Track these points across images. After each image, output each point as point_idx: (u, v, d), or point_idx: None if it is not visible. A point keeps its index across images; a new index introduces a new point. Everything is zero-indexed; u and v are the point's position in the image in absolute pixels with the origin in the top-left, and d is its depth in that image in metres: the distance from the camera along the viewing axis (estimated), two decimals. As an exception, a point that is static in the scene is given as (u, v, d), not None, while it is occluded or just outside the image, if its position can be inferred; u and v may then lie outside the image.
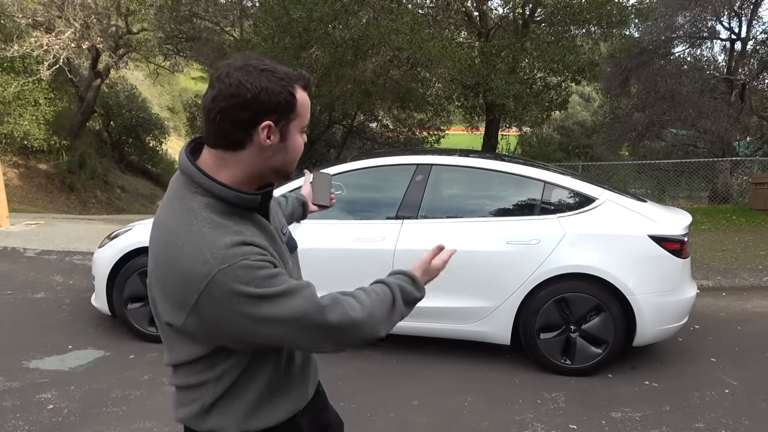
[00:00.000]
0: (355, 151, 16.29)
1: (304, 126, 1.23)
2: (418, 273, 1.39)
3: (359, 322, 1.19)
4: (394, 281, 1.33)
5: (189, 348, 1.19)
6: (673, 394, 3.62)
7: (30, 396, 3.43)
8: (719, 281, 6.28)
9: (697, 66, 15.90)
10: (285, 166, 1.22)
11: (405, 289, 1.33)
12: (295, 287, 1.12)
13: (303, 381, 1.37)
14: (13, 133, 12.80)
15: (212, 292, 1.06)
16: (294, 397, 1.33)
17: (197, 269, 1.06)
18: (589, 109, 35.49)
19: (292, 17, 10.88)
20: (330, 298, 1.18)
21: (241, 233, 1.11)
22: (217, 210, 1.13)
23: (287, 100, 1.14)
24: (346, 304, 1.19)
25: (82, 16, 12.75)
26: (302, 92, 1.19)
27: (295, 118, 1.18)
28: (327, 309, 1.15)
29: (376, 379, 3.80)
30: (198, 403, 1.26)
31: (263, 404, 1.27)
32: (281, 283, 1.10)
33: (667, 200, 13.37)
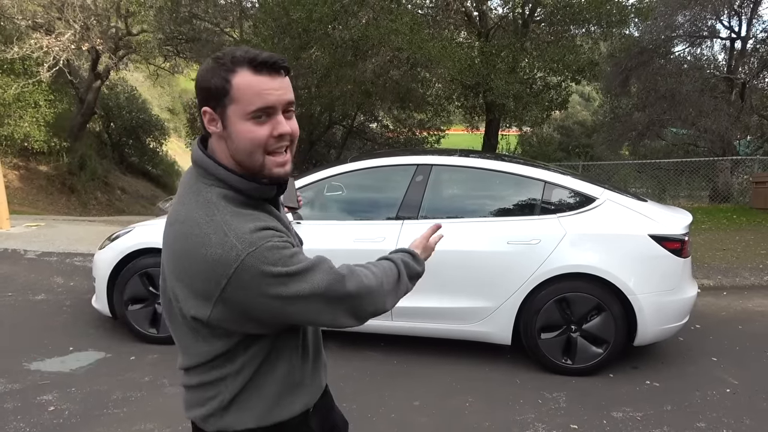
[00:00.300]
0: (356, 152, 16.29)
1: (250, 111, 1.10)
2: (418, 250, 1.49)
3: (373, 289, 1.24)
4: (398, 257, 1.41)
5: (211, 345, 1.18)
6: (675, 394, 3.62)
7: (31, 398, 3.43)
8: (720, 280, 6.27)
9: (697, 65, 15.89)
10: (237, 155, 1.15)
11: (408, 264, 1.40)
12: (316, 262, 1.15)
13: (317, 371, 1.38)
14: (13, 135, 12.81)
15: (242, 276, 1.06)
16: (310, 387, 1.34)
17: (225, 255, 1.06)
18: (589, 109, 35.49)
19: (291, 18, 10.88)
20: (347, 268, 1.22)
21: (260, 219, 1.14)
22: (234, 200, 1.15)
23: (218, 85, 1.11)
24: (360, 273, 1.23)
25: (81, 17, 12.76)
26: (248, 76, 1.10)
27: (230, 104, 1.11)
28: (346, 278, 1.18)
29: (377, 380, 3.80)
30: (216, 400, 1.24)
31: (284, 396, 1.27)
32: (303, 260, 1.13)
33: (668, 199, 13.36)
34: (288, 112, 1.16)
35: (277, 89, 1.11)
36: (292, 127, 1.16)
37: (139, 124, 19.93)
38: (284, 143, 1.16)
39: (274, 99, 1.11)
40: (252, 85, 1.10)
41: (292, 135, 1.17)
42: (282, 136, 1.14)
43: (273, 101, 1.11)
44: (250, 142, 1.12)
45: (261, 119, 1.11)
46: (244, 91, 1.10)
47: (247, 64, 1.10)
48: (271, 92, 1.10)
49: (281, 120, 1.13)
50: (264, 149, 1.13)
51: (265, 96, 1.10)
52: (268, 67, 1.11)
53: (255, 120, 1.11)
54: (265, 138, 1.12)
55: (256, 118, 1.11)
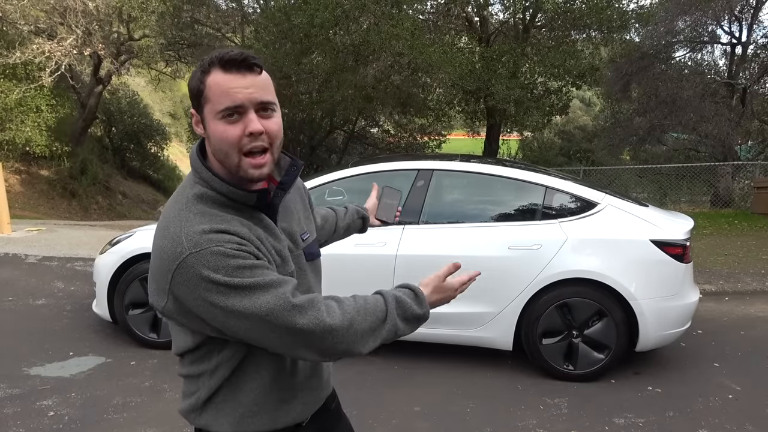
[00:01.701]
0: (357, 157, 16.29)
1: (219, 111, 1.09)
2: (427, 289, 1.26)
3: (335, 329, 1.09)
4: (392, 293, 1.21)
5: (183, 336, 1.20)
6: (677, 400, 3.60)
7: (31, 403, 3.42)
8: (722, 286, 6.25)
9: (698, 70, 15.90)
10: (217, 155, 1.13)
11: (403, 303, 1.19)
12: (269, 283, 1.07)
13: (313, 386, 1.32)
14: (15, 140, 12.84)
15: (182, 274, 1.05)
16: (301, 401, 1.28)
17: (172, 250, 1.06)
18: (590, 114, 35.47)
19: (293, 23, 10.91)
20: (307, 300, 1.10)
21: (224, 222, 1.10)
22: (211, 200, 1.14)
23: (196, 86, 1.11)
24: (323, 308, 1.10)
25: (84, 22, 12.80)
26: (218, 75, 1.08)
27: (205, 104, 1.11)
28: (297, 309, 1.07)
29: (378, 385, 3.79)
30: (195, 396, 1.25)
31: (264, 406, 1.23)
32: (255, 276, 1.06)
33: (669, 204, 13.34)
34: (265, 111, 1.12)
35: (246, 87, 1.08)
36: (268, 126, 1.11)
37: (141, 129, 19.97)
38: (259, 143, 1.11)
39: (243, 97, 1.08)
40: (220, 84, 1.08)
41: (269, 135, 1.11)
42: (254, 135, 1.09)
43: (241, 99, 1.08)
44: (223, 141, 1.10)
45: (232, 118, 1.09)
46: (214, 90, 1.09)
47: (218, 64, 1.09)
48: (240, 90, 1.08)
49: (252, 118, 1.09)
50: (238, 149, 1.10)
51: (232, 94, 1.08)
52: (237, 65, 1.08)
53: (226, 119, 1.09)
54: (237, 137, 1.09)
55: (228, 117, 1.09)
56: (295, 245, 1.28)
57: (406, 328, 1.20)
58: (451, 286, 1.29)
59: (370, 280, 3.84)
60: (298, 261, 1.27)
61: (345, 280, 3.49)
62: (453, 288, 1.29)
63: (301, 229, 1.32)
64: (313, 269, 1.35)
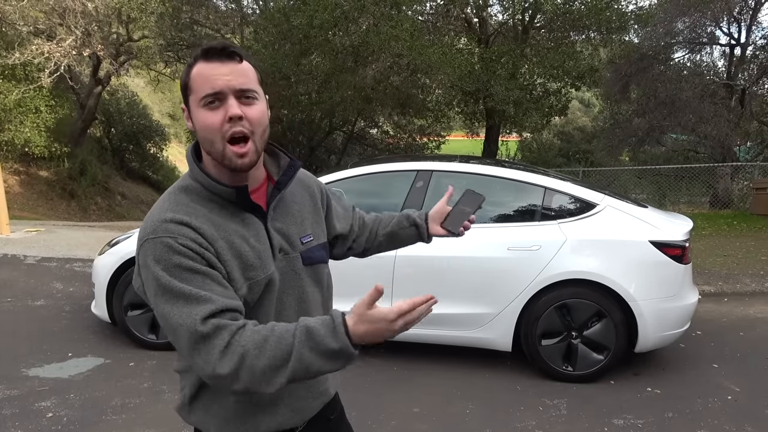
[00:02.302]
0: (356, 158, 16.29)
1: (201, 98, 1.10)
2: (351, 319, 1.03)
3: (222, 376, 1.02)
4: (307, 323, 1.05)
5: None
6: (676, 401, 3.60)
7: (29, 404, 3.41)
8: (721, 287, 6.26)
9: (697, 71, 15.91)
10: (204, 146, 1.15)
11: (315, 336, 1.02)
12: (193, 296, 1.04)
13: (300, 395, 1.28)
14: (14, 141, 12.83)
15: (139, 256, 1.11)
16: (288, 408, 1.26)
17: (141, 232, 1.12)
18: (589, 115, 35.51)
19: (292, 24, 10.92)
20: (212, 331, 1.02)
21: (190, 214, 1.12)
22: (195, 193, 1.17)
23: (183, 80, 1.15)
24: (217, 351, 1.02)
25: (83, 23, 12.79)
26: (201, 65, 1.11)
27: (191, 94, 1.13)
28: (197, 339, 1.02)
29: (377, 386, 3.78)
30: (183, 393, 1.28)
31: (242, 412, 1.23)
32: (184, 282, 1.05)
33: (668, 205, 13.35)
34: (247, 98, 1.12)
35: (226, 74, 1.10)
36: (248, 113, 1.11)
37: (140, 130, 19.97)
38: (239, 128, 1.10)
39: (222, 84, 1.09)
40: (202, 73, 1.11)
41: (249, 121, 1.11)
42: (233, 120, 1.10)
43: (220, 86, 1.09)
44: (206, 128, 1.11)
45: (213, 105, 1.10)
46: (196, 79, 1.11)
47: (201, 55, 1.12)
48: (219, 77, 1.09)
49: (232, 103, 1.10)
50: (221, 136, 1.11)
51: (212, 81, 1.09)
52: (218, 53, 1.11)
53: (208, 106, 1.11)
54: (219, 123, 1.10)
55: (209, 105, 1.11)
56: (292, 247, 1.25)
57: (326, 364, 1.03)
58: (382, 316, 1.02)
59: (370, 281, 3.84)
60: (292, 264, 1.25)
61: (344, 281, 3.48)
62: (386, 318, 1.02)
63: (301, 231, 1.29)
64: (312, 274, 1.30)
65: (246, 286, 1.15)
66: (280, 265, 1.22)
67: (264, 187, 1.25)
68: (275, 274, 1.20)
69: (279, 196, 1.24)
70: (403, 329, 1.04)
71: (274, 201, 1.23)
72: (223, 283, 1.10)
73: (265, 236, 1.20)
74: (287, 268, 1.23)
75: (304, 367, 1.03)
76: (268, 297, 1.20)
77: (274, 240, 1.21)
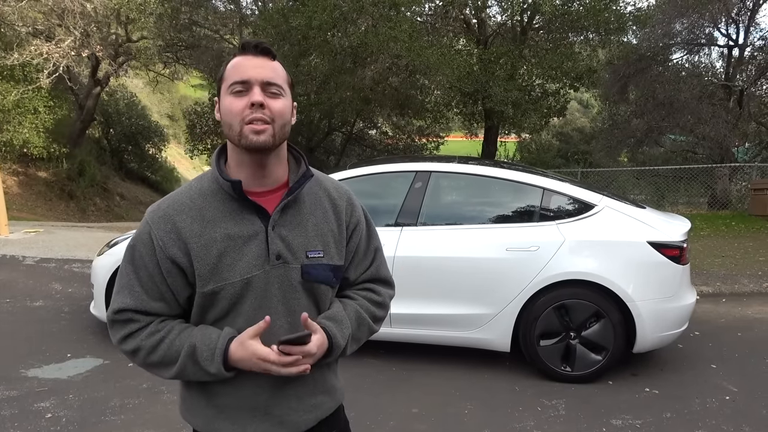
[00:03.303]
0: (355, 158, 16.30)
1: (230, 85, 1.18)
2: (235, 343, 1.18)
3: (126, 352, 1.25)
4: (198, 338, 1.20)
5: None
6: (674, 401, 3.61)
7: (28, 405, 3.41)
8: (719, 287, 6.27)
9: (695, 72, 15.94)
10: (225, 131, 1.22)
11: (197, 355, 1.19)
12: (126, 283, 1.23)
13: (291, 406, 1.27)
14: (12, 141, 12.81)
15: None
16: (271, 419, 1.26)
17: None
18: (587, 116, 35.54)
19: (291, 25, 10.93)
20: (125, 318, 1.23)
21: (178, 205, 1.22)
22: (204, 184, 1.25)
23: (221, 72, 1.23)
24: (122, 332, 1.23)
25: (82, 24, 12.79)
26: (236, 58, 1.21)
27: (222, 83, 1.21)
28: (111, 320, 1.24)
29: (376, 387, 3.79)
30: (180, 388, 1.35)
31: (233, 413, 1.26)
32: (128, 264, 1.23)
33: (666, 206, 13.36)
34: (272, 92, 1.19)
35: (256, 66, 1.18)
36: (271, 104, 1.18)
37: (139, 131, 19.96)
38: (260, 114, 1.16)
39: (251, 73, 1.17)
40: (235, 63, 1.20)
41: (271, 110, 1.17)
42: (255, 106, 1.16)
43: (249, 75, 1.17)
44: (229, 113, 1.18)
45: (240, 92, 1.17)
46: (229, 69, 1.20)
47: (239, 49, 1.22)
48: (249, 69, 1.18)
49: (256, 91, 1.17)
50: (241, 119, 1.17)
51: (242, 70, 1.18)
52: (253, 48, 1.20)
53: (235, 93, 1.18)
54: (241, 108, 1.17)
55: (236, 92, 1.18)
56: (293, 257, 1.23)
57: (204, 377, 1.21)
58: (253, 351, 1.14)
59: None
60: (289, 274, 1.22)
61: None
62: (255, 355, 1.14)
63: (310, 245, 1.25)
64: (311, 291, 1.26)
65: (213, 284, 1.19)
66: (274, 271, 1.21)
67: (281, 192, 1.26)
68: (257, 280, 1.20)
69: (287, 202, 1.23)
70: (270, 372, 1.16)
71: (281, 205, 1.22)
72: (161, 282, 1.21)
73: (263, 239, 1.20)
74: (282, 277, 1.22)
75: (186, 375, 1.22)
76: (248, 300, 1.20)
77: (272, 245, 1.21)
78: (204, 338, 1.19)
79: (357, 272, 1.39)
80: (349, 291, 1.39)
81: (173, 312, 1.25)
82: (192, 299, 1.23)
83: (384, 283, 1.45)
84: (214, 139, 16.07)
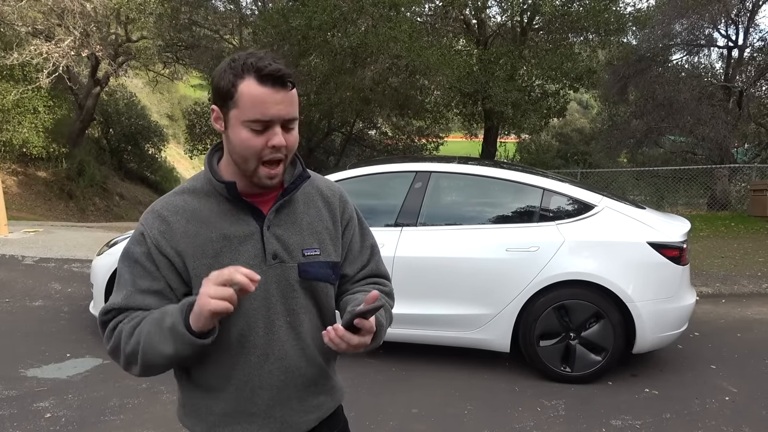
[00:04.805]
0: (354, 159, 16.30)
1: (247, 120, 1.10)
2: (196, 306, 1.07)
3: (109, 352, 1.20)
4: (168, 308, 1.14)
5: None
6: (674, 402, 3.61)
7: (27, 404, 3.41)
8: (718, 288, 6.27)
9: (695, 73, 15.96)
10: (233, 155, 1.17)
11: (164, 320, 1.11)
12: (125, 281, 1.19)
13: (293, 407, 1.26)
14: (12, 141, 12.81)
15: None
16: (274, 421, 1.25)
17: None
18: (587, 117, 35.57)
19: (291, 25, 10.92)
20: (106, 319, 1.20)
21: (172, 208, 1.20)
22: (198, 185, 1.24)
23: (226, 87, 1.12)
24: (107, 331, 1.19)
25: (81, 24, 12.79)
26: (252, 85, 1.09)
27: (233, 107, 1.12)
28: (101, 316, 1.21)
29: (376, 387, 3.79)
30: (178, 396, 1.31)
31: (232, 418, 1.24)
32: (125, 266, 1.20)
33: (666, 207, 13.36)
34: (290, 125, 1.14)
35: (278, 103, 1.10)
36: (288, 140, 1.14)
37: (138, 131, 19.94)
38: (278, 155, 1.14)
39: (273, 113, 1.10)
40: (254, 95, 1.09)
41: (287, 148, 1.15)
42: (276, 148, 1.13)
43: (271, 115, 1.10)
44: (245, 148, 1.13)
45: (258, 129, 1.11)
46: (245, 99, 1.10)
47: (254, 73, 1.09)
48: (271, 106, 1.10)
49: (277, 132, 1.12)
50: (258, 158, 1.14)
51: (263, 109, 1.09)
52: (273, 80, 1.09)
53: (252, 129, 1.11)
54: (260, 148, 1.12)
55: (254, 128, 1.11)
56: (289, 256, 1.22)
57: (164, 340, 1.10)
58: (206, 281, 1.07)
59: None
60: (286, 273, 1.22)
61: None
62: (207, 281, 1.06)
63: (306, 243, 1.25)
64: (309, 290, 1.26)
65: None
66: (271, 271, 1.20)
67: (275, 193, 1.25)
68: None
69: (281, 202, 1.23)
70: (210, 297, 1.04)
71: (275, 206, 1.22)
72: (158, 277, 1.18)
73: (258, 239, 1.20)
74: (280, 276, 1.22)
75: (151, 346, 1.10)
76: (248, 300, 1.18)
77: (268, 245, 1.20)
78: (171, 308, 1.13)
79: (354, 268, 1.37)
80: (355, 286, 1.37)
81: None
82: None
83: (385, 278, 1.45)
84: (213, 138, 16.07)
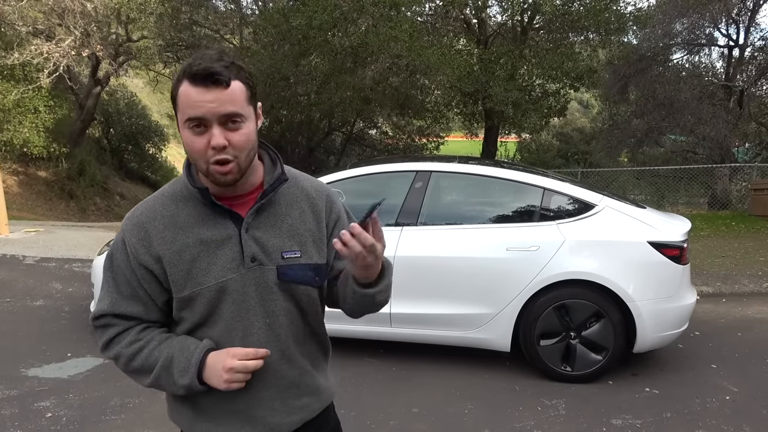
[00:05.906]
0: (355, 158, 16.31)
1: (184, 120, 1.10)
2: (212, 358, 1.19)
3: (108, 357, 1.28)
4: (176, 349, 1.21)
5: None
6: (674, 401, 3.61)
7: (29, 404, 3.42)
8: (719, 287, 6.27)
9: (696, 72, 15.95)
10: (191, 159, 1.17)
11: (172, 367, 1.20)
12: (109, 283, 1.24)
13: (274, 408, 1.27)
14: (12, 141, 12.82)
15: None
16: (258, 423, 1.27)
17: None
18: (587, 116, 35.54)
19: (291, 25, 10.92)
20: (104, 322, 1.25)
21: (151, 212, 1.22)
22: (177, 189, 1.24)
23: (173, 93, 1.14)
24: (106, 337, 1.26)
25: (82, 24, 12.79)
26: (185, 86, 1.09)
27: (177, 111, 1.13)
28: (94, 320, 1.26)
29: (376, 387, 3.79)
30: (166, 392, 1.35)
31: (215, 414, 1.27)
32: (108, 271, 1.24)
33: (666, 206, 13.36)
34: (232, 123, 1.11)
35: (210, 101, 1.08)
36: (232, 138, 1.11)
37: (139, 130, 19.95)
38: (223, 156, 1.11)
39: (204, 111, 1.08)
40: (186, 96, 1.09)
41: (234, 147, 1.11)
42: (216, 149, 1.10)
43: (202, 113, 1.08)
44: (191, 150, 1.13)
45: (198, 129, 1.10)
46: (182, 100, 1.11)
47: (186, 75, 1.09)
48: (202, 104, 1.08)
49: (215, 132, 1.09)
50: (205, 159, 1.12)
51: (195, 107, 1.08)
52: (203, 78, 1.07)
53: (193, 129, 1.11)
54: (203, 148, 1.11)
55: (193, 128, 1.11)
56: (268, 258, 1.21)
57: (178, 390, 1.22)
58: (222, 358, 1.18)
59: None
60: (265, 276, 1.21)
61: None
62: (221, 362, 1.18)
63: (286, 245, 1.23)
64: (287, 290, 1.24)
65: (189, 289, 1.19)
66: (249, 274, 1.20)
67: (256, 194, 1.24)
68: (233, 283, 1.20)
69: (260, 204, 1.22)
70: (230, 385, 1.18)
71: (254, 208, 1.21)
72: (138, 286, 1.22)
73: (236, 242, 1.20)
74: (258, 279, 1.21)
75: (161, 385, 1.23)
76: (226, 304, 1.20)
77: (246, 247, 1.19)
78: (182, 349, 1.20)
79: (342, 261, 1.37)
80: None
81: (152, 316, 1.25)
82: (170, 303, 1.23)
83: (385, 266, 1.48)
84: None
